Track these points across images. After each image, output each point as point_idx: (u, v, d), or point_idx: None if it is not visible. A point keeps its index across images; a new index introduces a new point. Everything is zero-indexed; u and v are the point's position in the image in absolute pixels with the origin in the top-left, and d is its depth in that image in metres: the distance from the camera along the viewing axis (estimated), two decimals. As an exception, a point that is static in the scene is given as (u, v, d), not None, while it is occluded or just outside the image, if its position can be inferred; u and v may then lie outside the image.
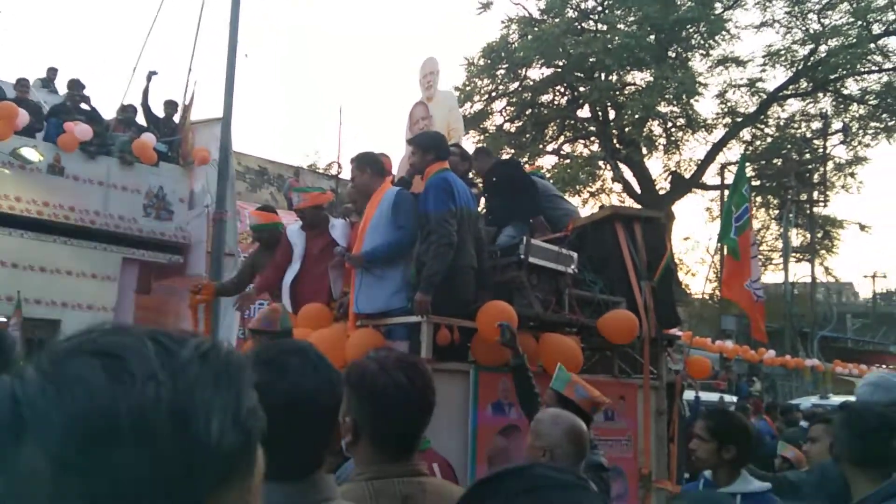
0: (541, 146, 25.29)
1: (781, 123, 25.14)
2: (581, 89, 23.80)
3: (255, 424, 0.64)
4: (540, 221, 5.56)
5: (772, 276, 29.58)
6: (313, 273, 4.97)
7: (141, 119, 10.90)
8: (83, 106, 10.35)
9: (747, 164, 24.14)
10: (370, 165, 4.66)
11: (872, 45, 21.94)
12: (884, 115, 23.09)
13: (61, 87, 11.23)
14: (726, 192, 6.24)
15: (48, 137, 9.49)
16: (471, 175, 6.08)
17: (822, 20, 22.63)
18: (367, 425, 1.59)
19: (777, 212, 25.96)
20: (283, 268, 5.18)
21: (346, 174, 21.46)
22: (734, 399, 11.32)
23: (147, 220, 10.19)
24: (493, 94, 24.84)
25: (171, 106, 11.12)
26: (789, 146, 24.79)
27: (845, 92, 23.99)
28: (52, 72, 11.65)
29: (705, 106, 42.01)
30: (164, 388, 0.58)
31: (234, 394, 0.62)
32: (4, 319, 8.62)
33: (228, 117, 9.33)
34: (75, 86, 10.36)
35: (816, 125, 24.66)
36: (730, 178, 20.90)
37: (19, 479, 0.55)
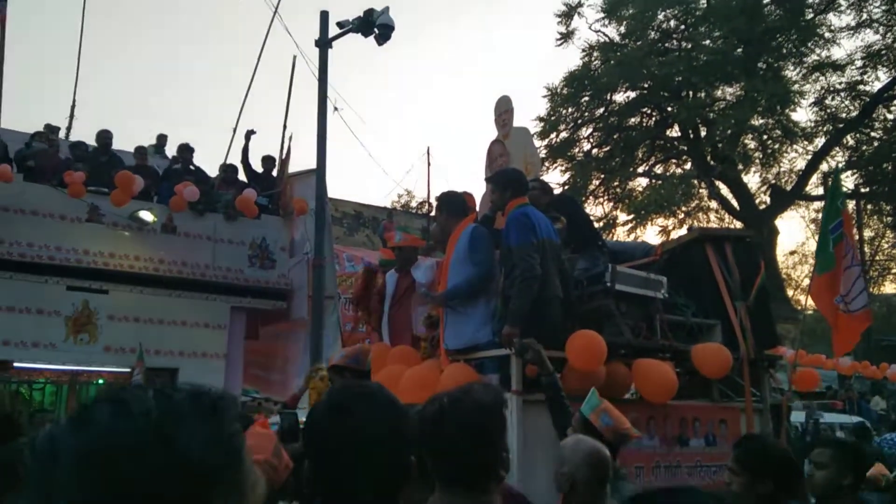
0: (631, 169, 24.95)
1: (889, 126, 23.80)
2: (669, 109, 23.44)
3: (236, 445, 0.85)
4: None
5: (891, 287, 27.80)
6: (400, 311, 5.19)
7: (242, 176, 11.57)
8: (191, 167, 11.10)
9: (854, 170, 22.99)
10: (446, 206, 4.85)
11: (983, 35, 20.58)
12: None
13: (170, 150, 12.10)
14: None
15: (162, 199, 10.23)
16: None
17: (924, 14, 21.44)
18: (431, 462, 1.79)
19: (891, 219, 24.47)
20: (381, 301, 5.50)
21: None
22: (853, 419, 10.69)
23: (252, 269, 10.75)
24: (579, 121, 24.77)
25: (269, 161, 11.76)
26: (899, 148, 23.42)
27: (956, 87, 22.54)
28: (163, 138, 12.56)
29: (803, 115, 40.26)
30: (153, 419, 0.80)
31: (216, 422, 0.83)
32: (129, 370, 9.28)
33: (322, 168, 9.82)
34: (185, 150, 11.14)
35: (928, 124, 23.20)
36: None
37: (51, 496, 0.78)
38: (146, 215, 9.81)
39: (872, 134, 24.11)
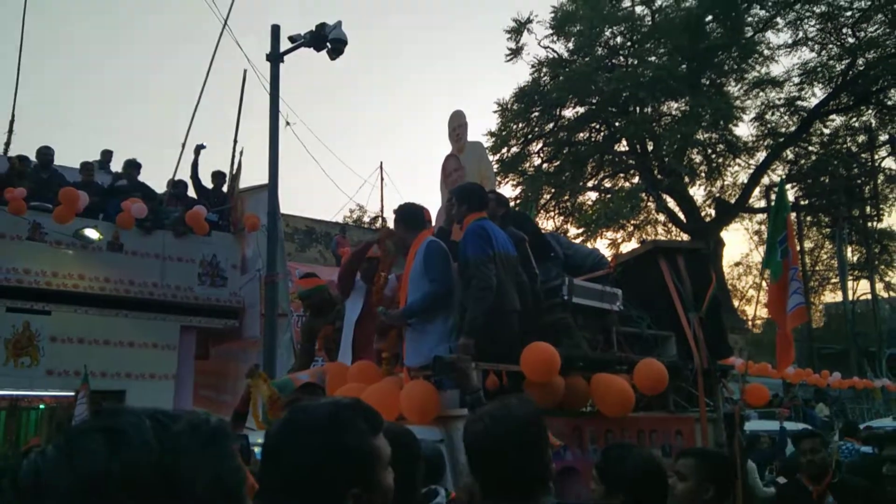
0: (581, 183, 25.35)
1: (825, 140, 24.75)
2: (617, 124, 23.93)
3: (236, 483, 0.78)
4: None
5: (830, 296, 28.75)
6: (368, 326, 5.15)
7: (192, 192, 11.35)
8: (137, 183, 10.83)
9: (793, 183, 23.77)
10: (403, 219, 4.82)
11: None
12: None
13: (116, 166, 11.80)
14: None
15: (108, 217, 9.96)
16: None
17: (857, 33, 22.40)
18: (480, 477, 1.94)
19: (829, 230, 25.36)
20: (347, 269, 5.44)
21: (391, 226, 21.84)
22: (799, 426, 10.95)
23: (202, 287, 10.53)
24: (529, 136, 25.10)
25: (219, 177, 11.57)
26: (836, 162, 24.36)
27: (889, 103, 23.56)
28: (107, 154, 12.26)
29: (745, 129, 41.50)
30: (154, 453, 0.72)
31: (217, 456, 0.77)
32: (73, 394, 8.95)
33: (275, 183, 9.70)
34: (131, 165, 10.87)
35: (862, 139, 24.19)
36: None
37: None
38: (91, 233, 9.53)
39: (810, 148, 25.04)
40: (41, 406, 9.94)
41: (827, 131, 24.76)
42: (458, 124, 5.98)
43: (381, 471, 1.39)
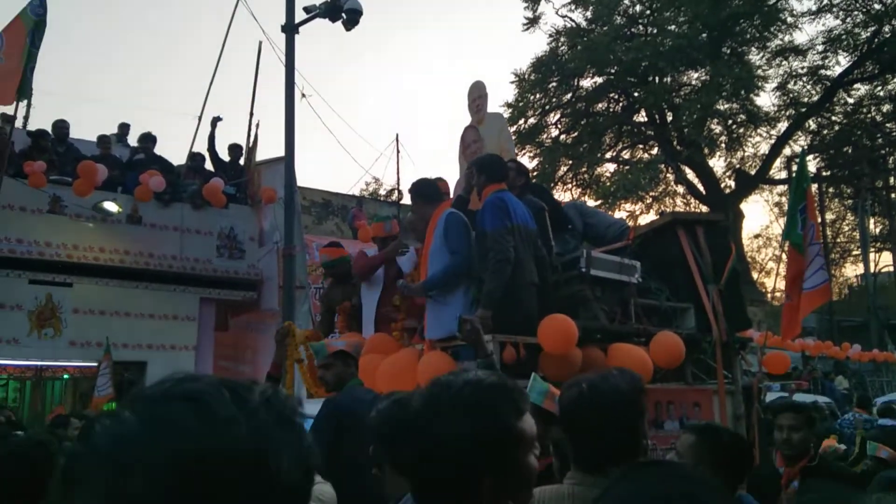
0: (599, 155, 25.13)
1: (849, 110, 24.29)
2: (636, 94, 23.62)
3: (312, 463, 0.74)
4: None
5: (851, 269, 28.47)
6: (388, 299, 5.17)
7: (209, 165, 11.37)
8: (154, 156, 10.86)
9: (816, 154, 23.41)
10: (419, 194, 4.81)
11: (940, 20, 21.05)
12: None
13: (133, 140, 11.83)
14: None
15: (126, 190, 10.01)
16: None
17: (883, 0, 21.84)
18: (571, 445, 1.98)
19: (851, 201, 25.01)
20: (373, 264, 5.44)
21: (407, 200, 21.81)
22: (818, 399, 10.91)
23: (221, 260, 10.59)
24: (547, 107, 24.85)
25: (235, 150, 11.57)
26: (859, 132, 23.92)
27: (915, 71, 23.05)
28: (125, 127, 12.27)
29: (766, 99, 40.91)
30: (243, 430, 0.67)
31: (295, 435, 0.72)
32: (95, 364, 9.10)
33: (291, 156, 9.69)
34: (147, 139, 10.90)
35: (887, 108, 23.70)
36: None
37: None
38: (111, 206, 9.60)
39: (833, 118, 24.59)
40: (65, 376, 10.11)
41: (851, 101, 24.31)
42: (478, 95, 5.91)
43: (522, 453, 1.35)
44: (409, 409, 1.40)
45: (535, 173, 22.94)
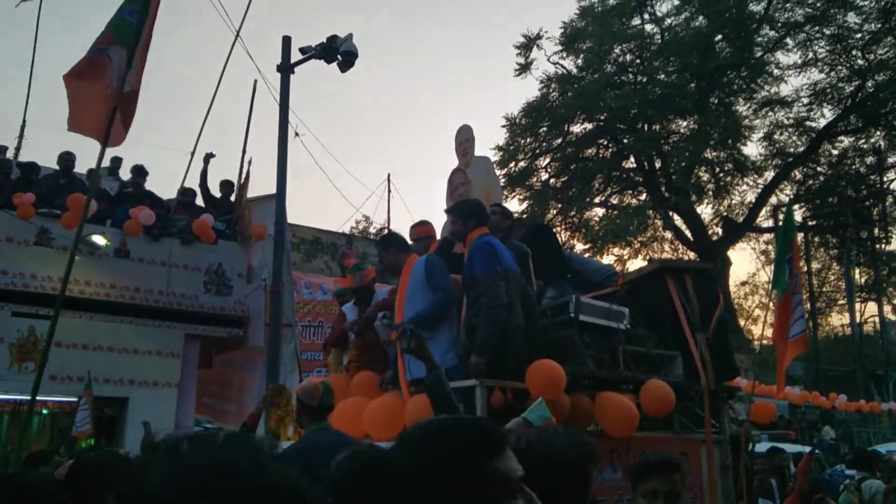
0: (588, 199, 25.35)
1: (834, 161, 24.72)
2: (625, 141, 23.95)
3: None
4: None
5: (837, 318, 28.60)
6: (366, 344, 5.15)
7: (200, 200, 11.35)
8: (144, 190, 10.84)
9: (801, 204, 23.71)
10: (392, 244, 4.95)
11: (922, 77, 21.57)
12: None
13: (125, 174, 11.82)
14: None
15: (115, 223, 9.96)
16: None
17: (866, 56, 22.41)
18: None
19: (837, 251, 25.26)
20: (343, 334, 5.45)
21: (397, 239, 21.83)
22: (806, 449, 10.85)
23: (207, 296, 10.50)
24: (537, 151, 25.14)
25: (227, 186, 11.57)
26: (844, 183, 24.31)
27: (898, 125, 23.52)
28: (117, 161, 12.26)
29: (753, 149, 41.55)
30: None
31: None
32: (76, 399, 8.93)
33: (282, 193, 9.70)
34: (138, 173, 10.89)
35: (871, 160, 24.13)
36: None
37: None
38: (99, 239, 9.53)
39: (818, 169, 24.99)
40: (44, 411, 9.92)
41: (835, 152, 24.75)
42: (465, 139, 5.98)
43: (492, 493, 1.30)
44: (371, 453, 1.39)
45: (524, 216, 23.09)
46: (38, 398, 9.40)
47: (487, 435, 1.33)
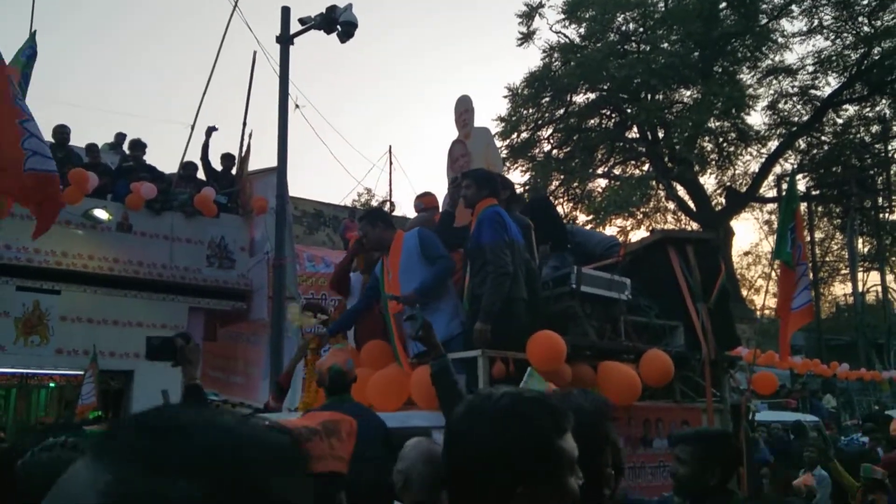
0: (590, 170, 25.23)
1: (838, 130, 24.53)
2: (628, 111, 23.77)
3: None
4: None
5: (840, 288, 28.63)
6: (366, 313, 5.19)
7: (201, 174, 11.34)
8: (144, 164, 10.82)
9: (805, 173, 23.60)
10: (380, 219, 4.95)
11: (928, 44, 21.32)
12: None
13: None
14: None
15: (117, 198, 9.97)
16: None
17: (872, 22, 22.11)
18: None
19: (840, 221, 25.19)
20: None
21: (399, 211, 21.80)
22: (808, 418, 10.95)
23: (210, 269, 10.54)
24: (540, 121, 24.96)
25: (228, 159, 11.55)
26: (848, 152, 24.14)
27: (904, 93, 23.30)
28: (120, 136, 12.22)
29: (757, 118, 41.21)
30: None
31: None
32: (81, 373, 9.02)
33: (283, 166, 9.68)
34: (137, 146, 10.86)
35: (876, 129, 23.94)
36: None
37: None
38: (101, 213, 9.55)
39: (823, 138, 24.81)
40: (51, 384, 10.02)
41: (840, 121, 24.55)
42: (464, 109, 5.94)
43: (559, 472, 1.31)
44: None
45: (526, 187, 23.01)
46: (45, 371, 9.58)
47: (559, 414, 1.35)
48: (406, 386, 4.17)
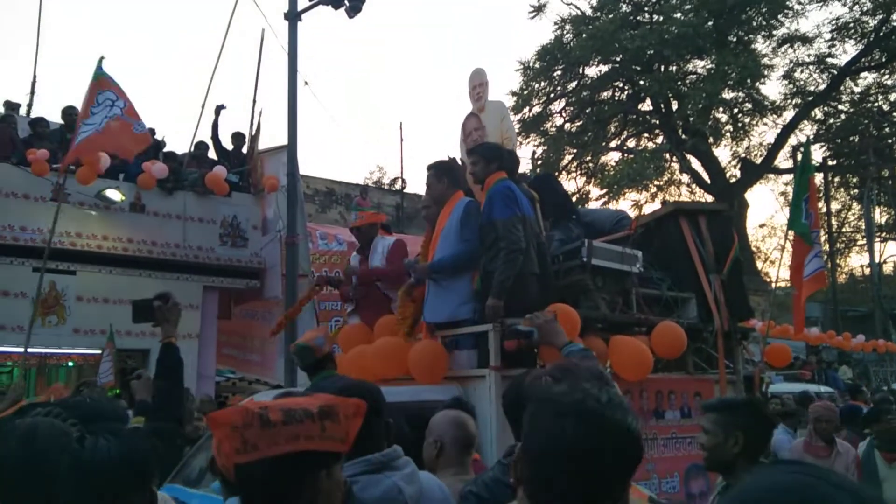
0: (603, 143, 25.03)
1: (856, 98, 24.12)
2: (641, 83, 23.48)
3: None
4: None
5: (857, 259, 28.37)
6: (368, 290, 5.22)
7: (212, 153, 11.35)
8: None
9: (822, 143, 23.27)
10: (447, 175, 4.75)
11: (949, 9, 20.84)
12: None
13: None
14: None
15: (129, 178, 10.00)
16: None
17: (891, -13, 21.63)
18: None
19: (857, 190, 24.88)
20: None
21: (410, 189, 21.72)
22: (822, 389, 10.90)
23: (224, 248, 10.59)
24: (552, 95, 24.74)
25: (238, 138, 11.54)
26: (866, 121, 23.76)
27: (923, 59, 22.85)
28: (129, 115, 12.25)
29: (772, 88, 40.74)
30: None
31: None
32: (99, 352, 9.12)
33: (294, 144, 9.67)
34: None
35: (894, 97, 23.55)
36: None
37: None
38: (114, 194, 9.59)
39: (840, 107, 24.43)
40: (70, 363, 10.14)
41: (857, 89, 24.14)
42: (478, 83, 5.87)
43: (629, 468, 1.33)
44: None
45: (539, 162, 22.87)
46: (63, 351, 9.69)
47: (630, 410, 1.35)
48: (404, 357, 4.22)
